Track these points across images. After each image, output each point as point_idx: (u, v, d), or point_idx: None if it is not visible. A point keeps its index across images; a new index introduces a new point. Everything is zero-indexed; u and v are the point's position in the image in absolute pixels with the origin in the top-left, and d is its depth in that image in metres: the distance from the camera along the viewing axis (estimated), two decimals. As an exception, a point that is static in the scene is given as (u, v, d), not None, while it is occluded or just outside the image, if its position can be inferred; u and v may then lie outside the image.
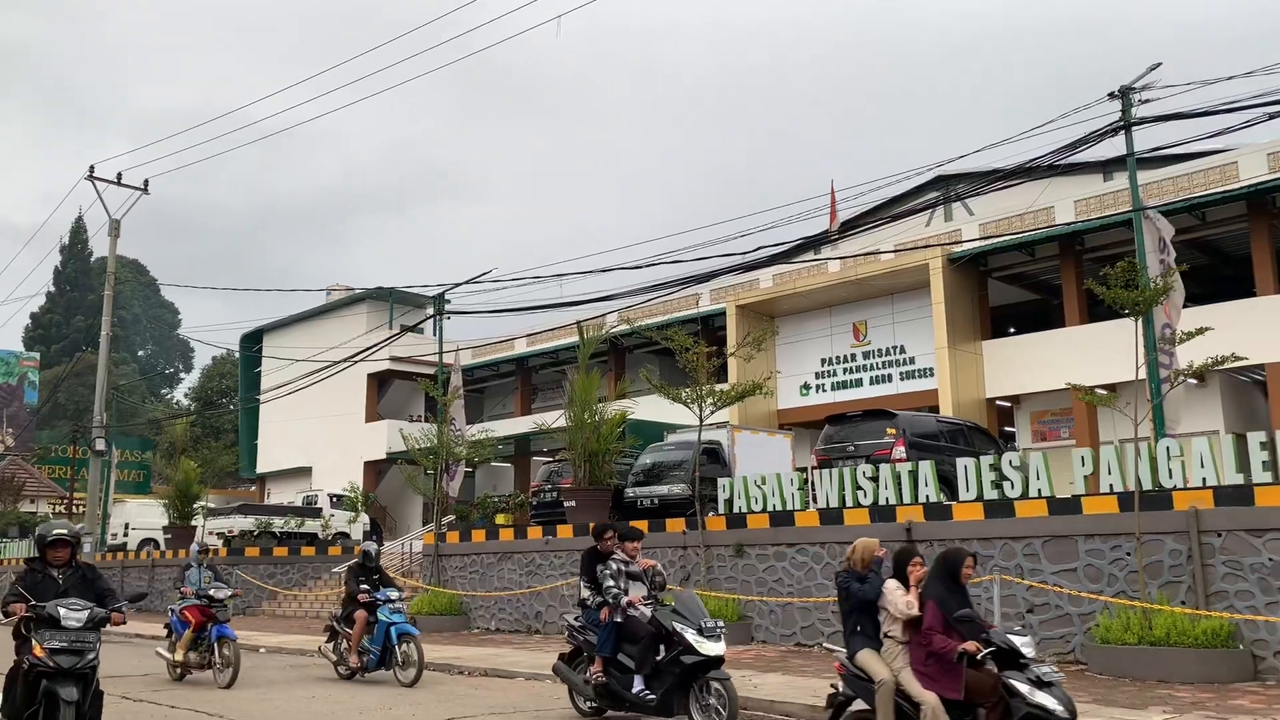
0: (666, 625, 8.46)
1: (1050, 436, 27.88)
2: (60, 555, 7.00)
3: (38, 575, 6.97)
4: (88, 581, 7.04)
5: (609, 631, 8.95)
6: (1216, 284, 27.00)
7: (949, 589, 7.00)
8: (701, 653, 8.20)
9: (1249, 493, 11.44)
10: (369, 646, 12.56)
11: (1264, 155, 23.69)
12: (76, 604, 6.67)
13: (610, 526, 9.77)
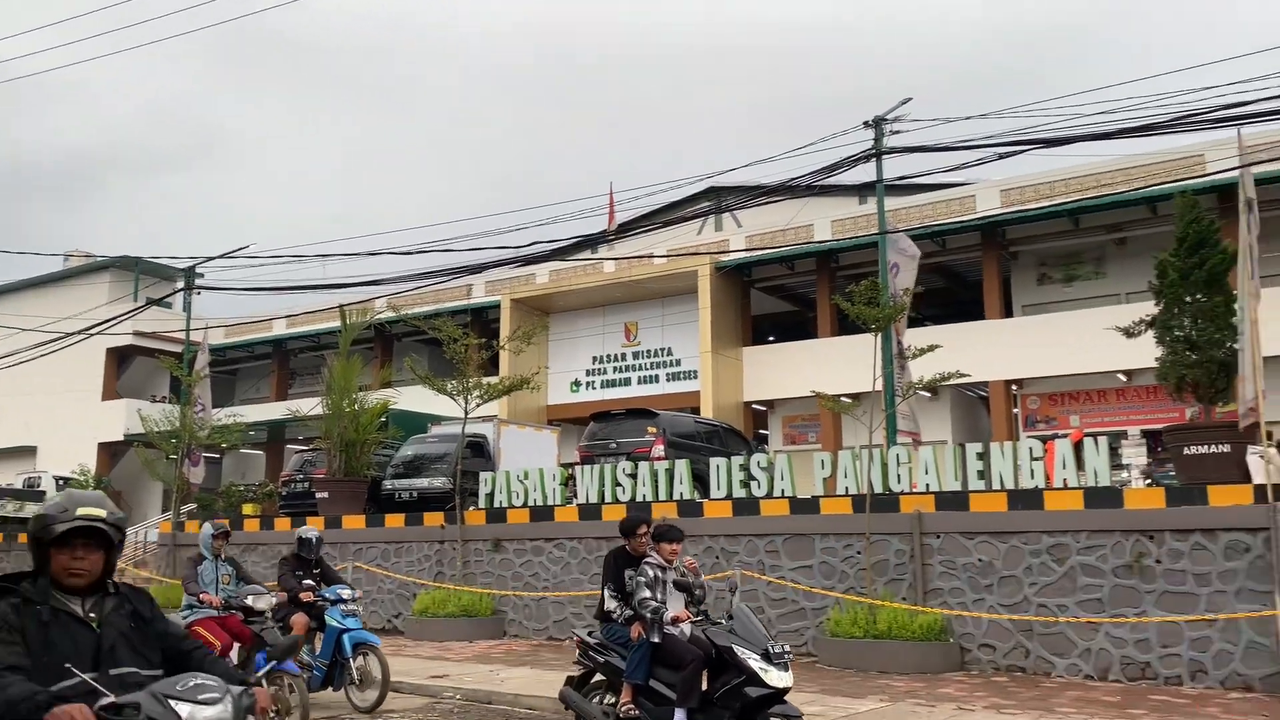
0: (723, 649, 6.82)
1: (799, 440, 29.48)
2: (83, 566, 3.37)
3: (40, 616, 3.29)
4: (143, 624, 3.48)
5: (642, 653, 7.18)
6: (952, 306, 29.42)
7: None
8: (769, 684, 6.63)
9: (965, 498, 12.51)
10: (311, 660, 9.92)
11: (997, 190, 26.00)
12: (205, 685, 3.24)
13: (643, 521, 7.87)
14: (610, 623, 7.66)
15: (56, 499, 3.44)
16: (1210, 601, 10.77)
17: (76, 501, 3.39)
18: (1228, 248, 12.06)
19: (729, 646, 6.73)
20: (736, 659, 6.67)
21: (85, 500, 3.41)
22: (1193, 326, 12.08)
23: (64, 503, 3.39)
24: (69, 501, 3.39)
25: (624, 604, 7.56)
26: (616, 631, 7.54)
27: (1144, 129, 11.44)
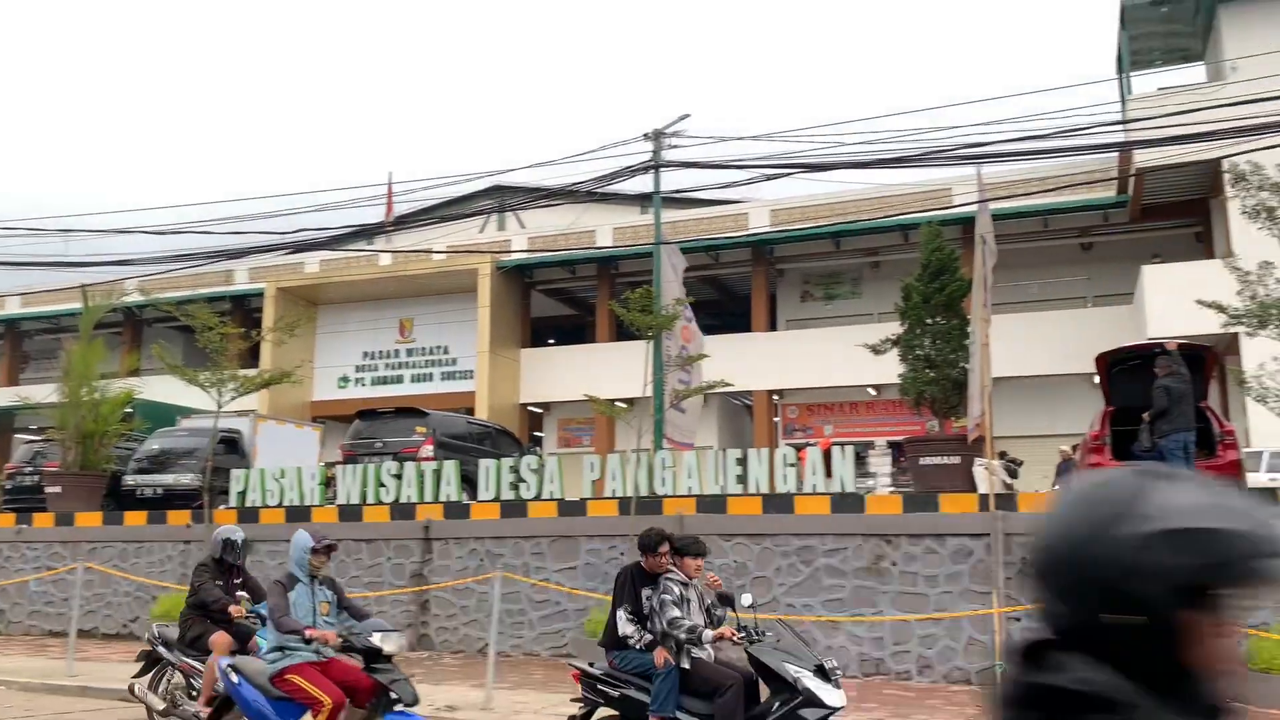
0: (773, 668, 6.17)
1: (574, 443, 29.73)
2: None
3: None
4: None
5: (671, 682, 6.39)
6: (724, 318, 30.54)
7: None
8: (828, 704, 6.04)
9: (724, 502, 12.98)
10: None
11: (768, 210, 27.23)
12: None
13: (665, 537, 7.01)
14: (625, 649, 6.75)
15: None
16: (938, 601, 11.65)
17: None
18: (964, 276, 13.13)
19: (783, 665, 6.13)
20: (790, 678, 6.07)
21: None
22: (932, 346, 13.07)
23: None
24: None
25: (641, 626, 6.73)
26: (633, 659, 6.67)
27: (897, 161, 12.29)
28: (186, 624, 8.32)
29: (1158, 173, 21.19)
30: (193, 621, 8.28)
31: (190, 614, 8.36)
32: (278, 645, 6.64)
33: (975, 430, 12.06)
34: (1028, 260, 25.88)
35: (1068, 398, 24.01)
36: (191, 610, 8.38)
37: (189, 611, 8.40)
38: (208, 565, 8.60)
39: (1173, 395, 11.46)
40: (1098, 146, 13.36)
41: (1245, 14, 20.90)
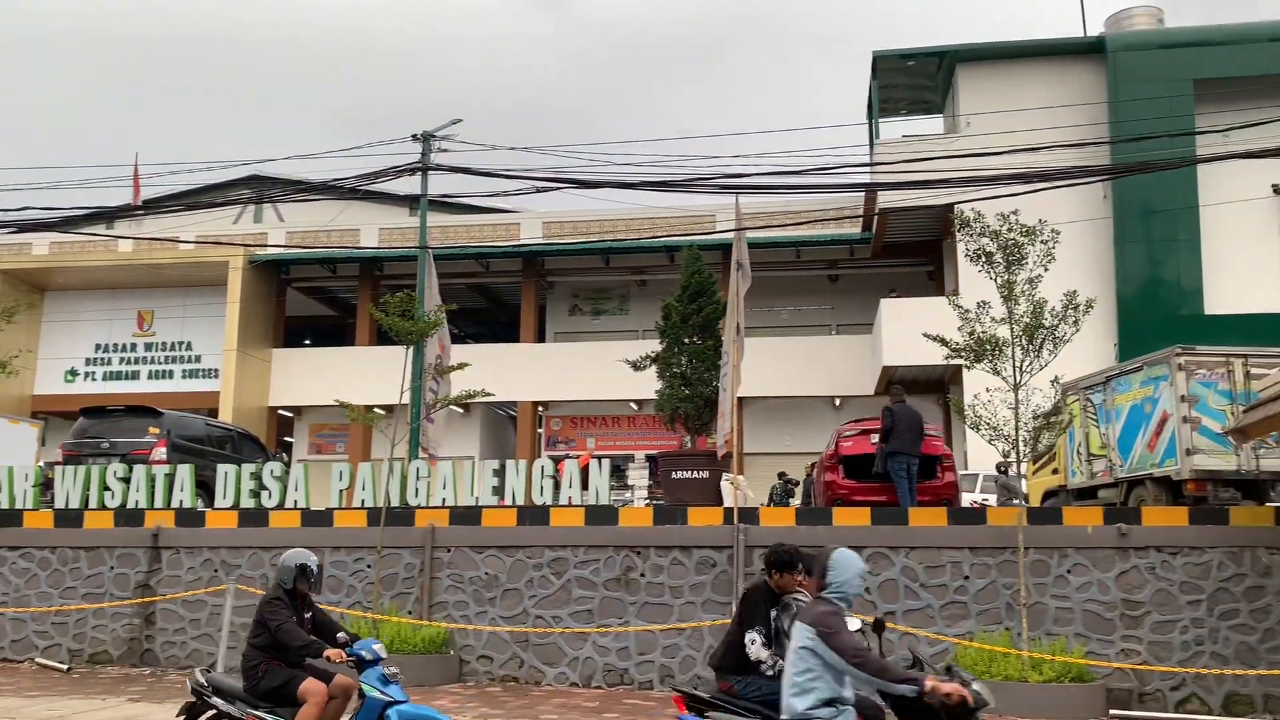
0: None
1: (326, 450, 28.62)
2: None
3: None
4: None
5: None
6: (493, 327, 30.37)
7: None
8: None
9: (478, 513, 12.87)
10: None
11: (540, 222, 27.36)
12: None
13: (798, 557, 6.53)
14: (750, 674, 6.34)
15: None
16: (682, 612, 12.02)
17: None
18: (720, 299, 13.68)
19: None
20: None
21: None
22: (688, 365, 13.52)
23: None
24: None
25: (777, 652, 6.25)
26: (763, 686, 6.20)
27: (662, 184, 12.68)
28: (258, 670, 6.83)
29: (898, 214, 22.93)
30: (268, 667, 6.81)
31: (263, 658, 6.84)
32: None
33: (724, 446, 12.57)
34: (780, 288, 27.30)
35: (811, 418, 25.48)
36: (264, 653, 6.86)
37: (261, 655, 6.86)
38: (281, 599, 7.02)
39: (897, 420, 12.42)
40: (847, 186, 14.29)
41: (979, 74, 23.00)
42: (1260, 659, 10.55)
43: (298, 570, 7.05)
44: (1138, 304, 21.12)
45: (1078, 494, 13.71)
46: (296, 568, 7.06)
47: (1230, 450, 11.71)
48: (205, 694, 6.90)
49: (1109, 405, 13.04)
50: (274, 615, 6.81)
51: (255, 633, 6.89)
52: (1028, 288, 11.03)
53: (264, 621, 6.83)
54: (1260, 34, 21.48)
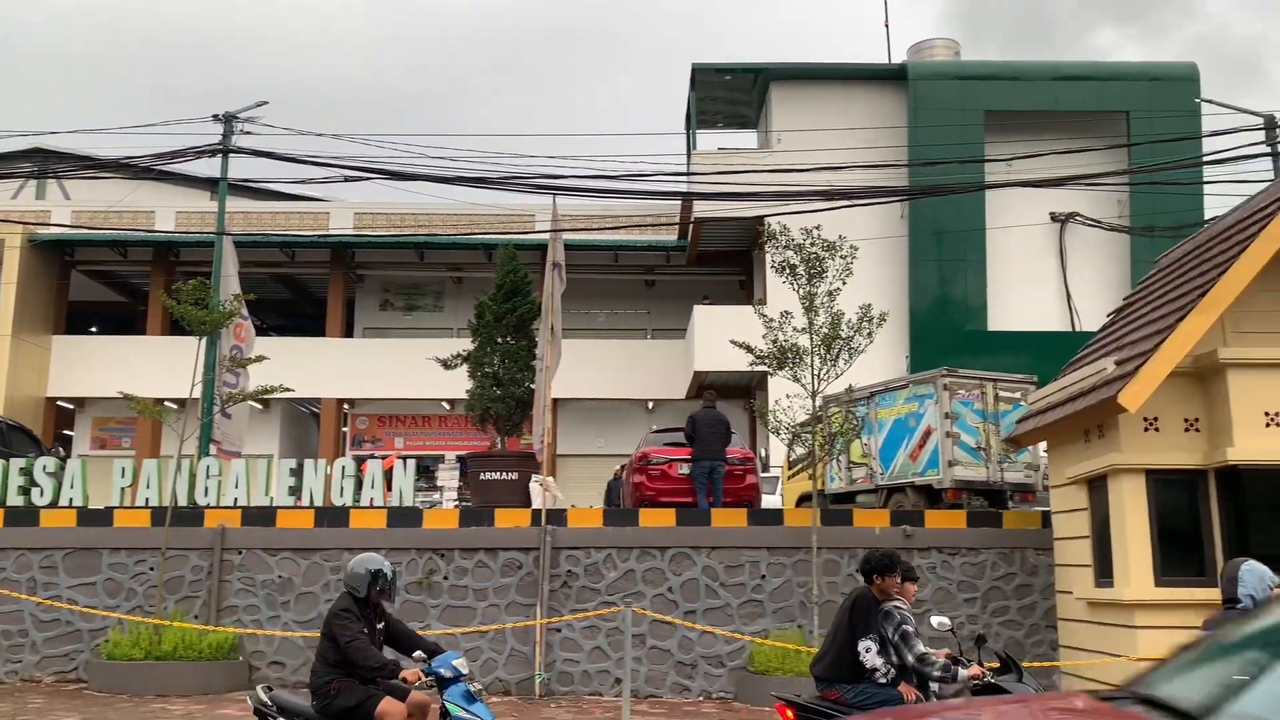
0: None
1: (111, 444, 26.77)
2: None
3: None
4: None
5: None
6: (297, 320, 29.18)
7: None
8: None
9: (273, 514, 12.33)
10: None
11: (352, 212, 26.50)
12: None
13: (897, 560, 6.58)
14: (860, 683, 6.32)
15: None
16: (485, 614, 11.90)
17: None
18: (535, 299, 13.63)
19: None
20: None
21: None
22: (501, 365, 13.40)
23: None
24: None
25: (887, 658, 6.32)
26: (874, 694, 6.22)
27: (477, 181, 12.53)
28: (329, 688, 6.21)
29: (712, 223, 23.51)
30: (341, 685, 6.20)
31: (335, 675, 6.24)
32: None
33: (542, 447, 12.51)
34: (597, 291, 27.50)
35: (624, 421, 25.77)
36: (335, 670, 6.25)
37: (332, 672, 6.25)
38: (351, 610, 6.35)
39: (698, 425, 12.81)
40: (664, 193, 14.52)
41: (792, 92, 23.87)
42: (1027, 652, 11.37)
43: (370, 577, 6.38)
44: (928, 319, 22.41)
45: (834, 499, 14.48)
46: (369, 574, 6.39)
47: (981, 463, 12.88)
48: (270, 714, 6.25)
49: (872, 418, 13.81)
50: (344, 630, 6.17)
51: (324, 646, 6.28)
52: (827, 300, 11.52)
53: (333, 636, 6.21)
54: (1045, 72, 23.23)
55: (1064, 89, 22.81)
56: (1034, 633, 11.51)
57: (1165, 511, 9.15)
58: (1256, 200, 10.22)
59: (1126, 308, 12.06)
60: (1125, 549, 9.10)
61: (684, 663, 11.66)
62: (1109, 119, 22.65)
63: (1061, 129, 22.26)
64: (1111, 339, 11.17)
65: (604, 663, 11.67)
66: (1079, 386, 10.20)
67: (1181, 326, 8.83)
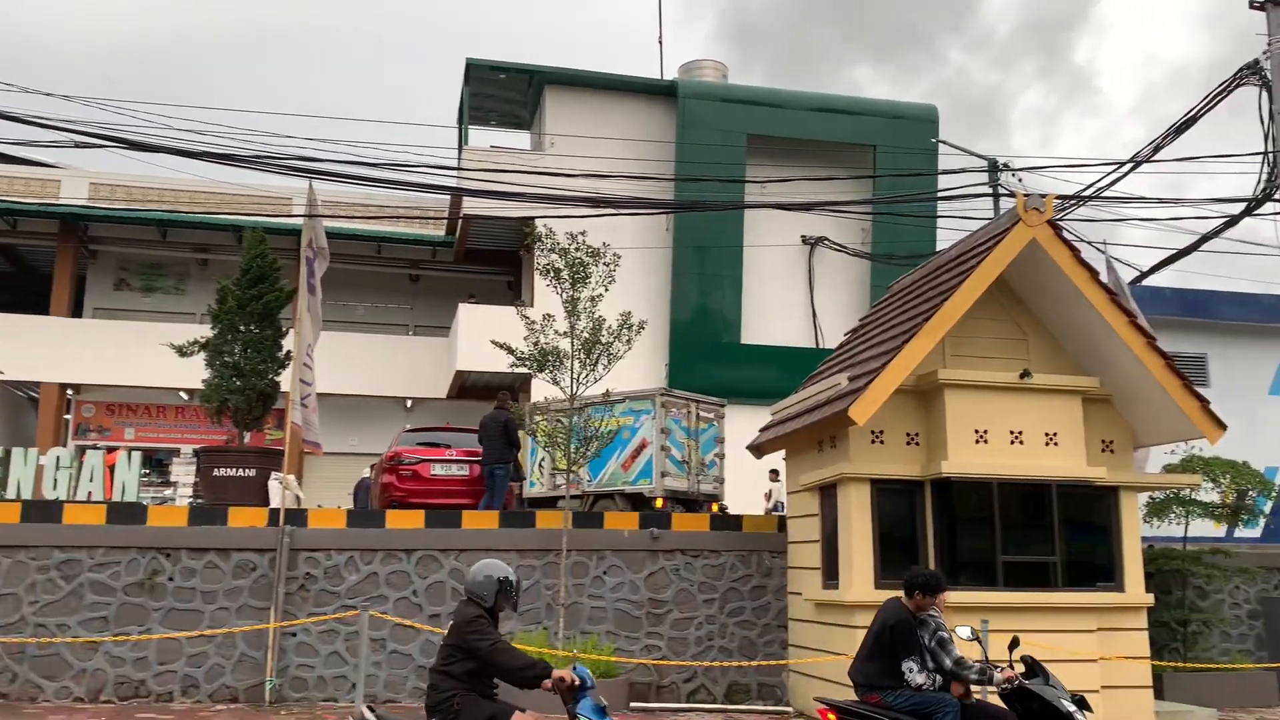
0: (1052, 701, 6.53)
1: None
2: None
3: None
4: None
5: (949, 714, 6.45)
6: (17, 295, 26.44)
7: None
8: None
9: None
10: None
11: (87, 182, 24.34)
12: None
13: (942, 581, 6.94)
14: (901, 687, 6.65)
15: None
16: (214, 618, 11.19)
17: None
18: (285, 286, 12.97)
19: (1059, 700, 6.55)
20: (1065, 712, 6.51)
21: None
22: (243, 355, 12.65)
23: None
24: None
25: (930, 673, 6.66)
26: (912, 697, 6.58)
27: (227, 158, 11.77)
28: (453, 703, 5.63)
29: (481, 221, 23.27)
30: (465, 700, 5.64)
31: (459, 689, 5.67)
32: None
33: (312, 441, 11.84)
34: (359, 283, 26.58)
35: (381, 419, 24.99)
36: (461, 683, 5.68)
37: (457, 685, 5.68)
38: (485, 617, 5.79)
39: (484, 427, 13.00)
40: (430, 186, 14.20)
41: (566, 97, 24.00)
42: (759, 651, 11.92)
43: (498, 585, 5.88)
44: (687, 329, 23.13)
45: (532, 503, 15.03)
46: (497, 581, 5.89)
47: (685, 474, 14.20)
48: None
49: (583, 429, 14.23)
50: (483, 636, 5.66)
51: (449, 658, 5.73)
52: (590, 305, 11.62)
53: (469, 645, 5.65)
54: (804, 102, 24.52)
55: (820, 120, 24.17)
56: (766, 632, 12.07)
57: (887, 518, 9.84)
58: (976, 236, 11.19)
59: (861, 328, 12.90)
60: (850, 553, 9.70)
61: (426, 667, 11.40)
62: (858, 151, 24.20)
63: (816, 157, 23.58)
64: (847, 356, 11.92)
65: (341, 668, 11.26)
66: (815, 400, 10.81)
67: (907, 348, 9.53)
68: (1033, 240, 9.75)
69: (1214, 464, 12.70)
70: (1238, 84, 13.59)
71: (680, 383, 22.81)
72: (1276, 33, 13.28)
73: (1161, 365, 9.90)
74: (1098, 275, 10.11)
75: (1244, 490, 13.06)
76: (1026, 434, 9.82)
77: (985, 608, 9.09)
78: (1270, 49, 13.30)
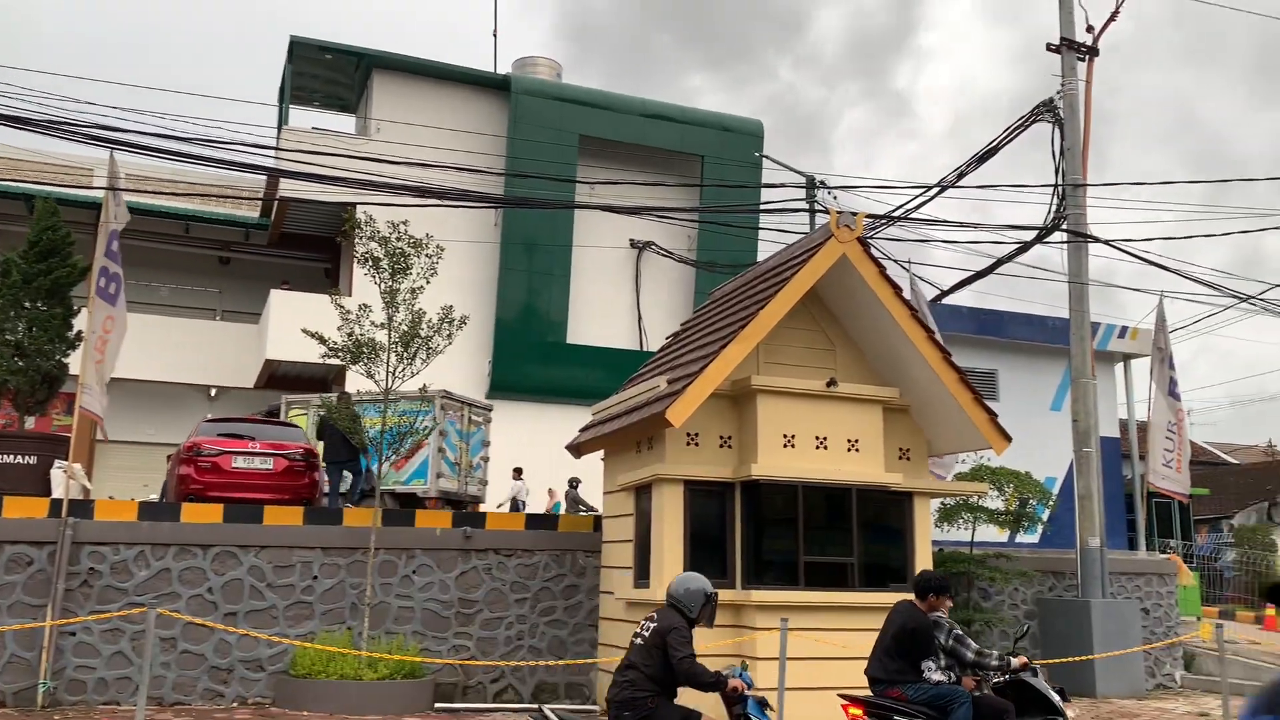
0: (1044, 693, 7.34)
1: None
2: None
3: None
4: None
5: (967, 708, 6.91)
6: None
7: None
8: None
9: None
10: None
11: None
12: None
13: (949, 583, 7.70)
14: (919, 681, 7.12)
15: None
16: (-19, 617, 10.31)
17: None
18: (79, 262, 12.10)
19: (1050, 692, 7.33)
20: (1057, 704, 7.30)
21: None
22: (26, 333, 11.72)
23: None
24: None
25: (948, 670, 7.24)
26: (928, 690, 7.05)
27: (18, 120, 10.85)
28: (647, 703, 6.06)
29: (300, 205, 22.40)
30: (657, 702, 6.11)
31: (655, 691, 6.11)
32: None
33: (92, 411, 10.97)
34: (163, 262, 25.09)
35: (182, 408, 23.66)
36: (657, 685, 6.10)
37: (654, 688, 6.10)
38: (687, 629, 6.22)
39: (326, 429, 12.69)
40: (245, 165, 13.53)
41: (395, 83, 23.40)
42: (569, 650, 11.94)
43: (705, 598, 6.29)
44: (513, 327, 22.96)
45: None
46: (705, 595, 6.31)
47: (456, 476, 14.53)
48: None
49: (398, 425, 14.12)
50: (683, 645, 6.07)
51: (649, 661, 6.08)
52: (410, 297, 11.35)
53: (670, 650, 6.03)
54: (637, 107, 24.78)
55: (651, 126, 24.49)
56: (577, 631, 12.10)
57: (698, 519, 10.04)
58: (792, 249, 11.60)
59: (683, 332, 13.15)
60: (662, 552, 9.85)
61: (219, 667, 10.88)
62: (687, 160, 24.67)
63: (646, 163, 23.90)
64: (667, 360, 12.11)
65: (125, 669, 10.57)
66: (634, 401, 10.94)
67: (723, 354, 9.77)
68: (843, 256, 10.18)
69: (1000, 473, 13.60)
70: (1034, 120, 14.59)
71: (504, 381, 22.68)
72: (1070, 75, 14.34)
73: (955, 379, 10.51)
74: (901, 292, 10.66)
75: (1026, 499, 14.05)
76: (831, 440, 10.23)
77: (787, 606, 9.41)
78: (1063, 89, 14.34)
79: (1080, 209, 13.92)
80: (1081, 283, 13.72)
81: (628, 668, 6.11)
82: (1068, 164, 14.10)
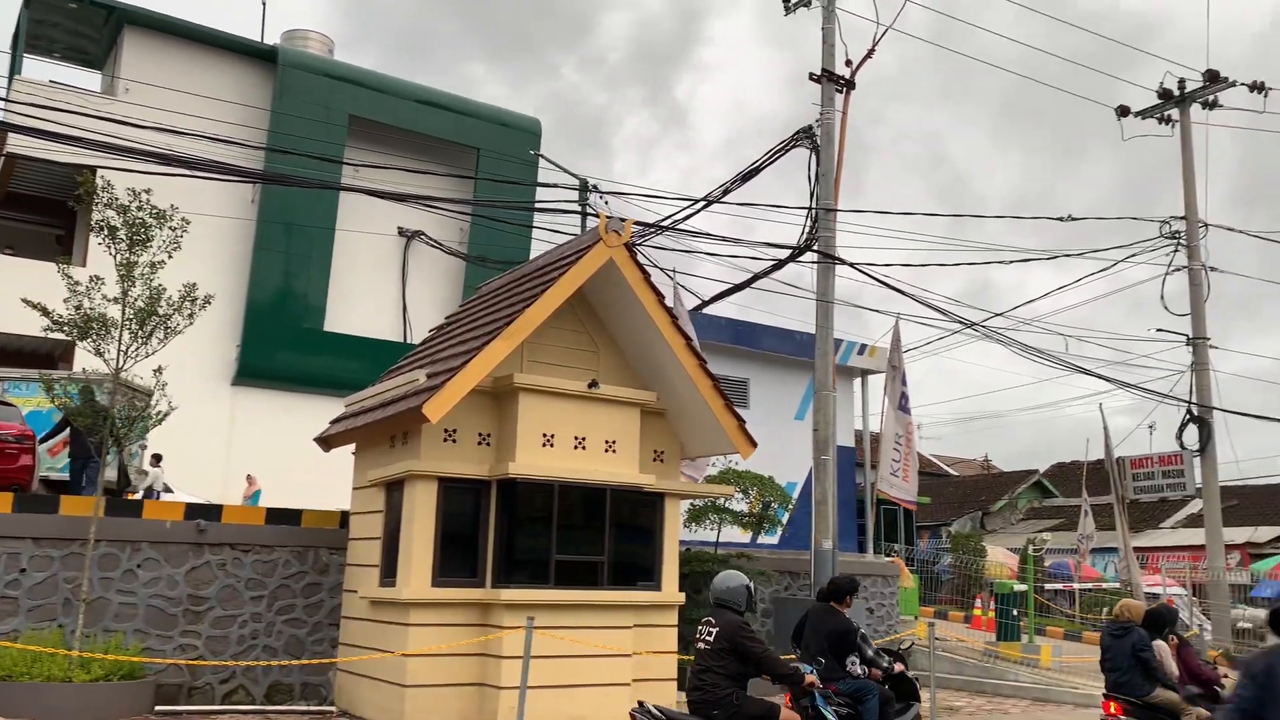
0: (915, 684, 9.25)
1: None
2: None
3: None
4: None
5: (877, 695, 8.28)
6: None
7: None
8: None
9: None
10: None
11: None
12: None
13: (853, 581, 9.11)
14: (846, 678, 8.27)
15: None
16: None
17: None
18: None
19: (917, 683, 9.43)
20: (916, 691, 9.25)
21: None
22: None
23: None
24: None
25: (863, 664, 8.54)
26: (853, 685, 8.20)
27: None
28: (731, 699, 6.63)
29: (29, 163, 20.42)
30: (741, 697, 6.69)
31: (735, 687, 6.70)
32: None
33: None
34: None
35: None
36: (736, 682, 6.73)
37: (733, 684, 6.71)
38: (747, 624, 6.94)
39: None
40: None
41: (149, 42, 21.71)
42: (306, 650, 11.46)
43: (747, 591, 7.08)
44: (267, 310, 21.81)
45: None
46: (746, 588, 7.09)
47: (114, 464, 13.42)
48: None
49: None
50: (756, 643, 6.81)
51: (721, 661, 6.70)
52: (149, 271, 10.56)
53: (744, 650, 6.71)
54: (411, 92, 24.14)
55: (426, 113, 23.97)
56: (317, 630, 11.63)
57: (451, 517, 9.91)
58: (562, 249, 11.67)
59: (446, 326, 12.95)
60: (410, 550, 9.65)
61: (-102, 672, 9.68)
62: (461, 151, 24.31)
63: (419, 150, 23.36)
64: (429, 353, 11.89)
65: None
66: (391, 394, 10.66)
67: (486, 350, 9.69)
68: (610, 260, 10.34)
69: (745, 477, 14.22)
70: (794, 145, 15.35)
71: (253, 367, 21.51)
72: (829, 105, 15.19)
73: (709, 385, 10.91)
74: (664, 299, 10.95)
75: (768, 502, 14.76)
76: (589, 440, 10.36)
77: (537, 605, 9.44)
78: (821, 118, 15.19)
79: (831, 232, 14.76)
80: (828, 301, 14.56)
81: (704, 671, 6.70)
82: (822, 189, 14.92)
